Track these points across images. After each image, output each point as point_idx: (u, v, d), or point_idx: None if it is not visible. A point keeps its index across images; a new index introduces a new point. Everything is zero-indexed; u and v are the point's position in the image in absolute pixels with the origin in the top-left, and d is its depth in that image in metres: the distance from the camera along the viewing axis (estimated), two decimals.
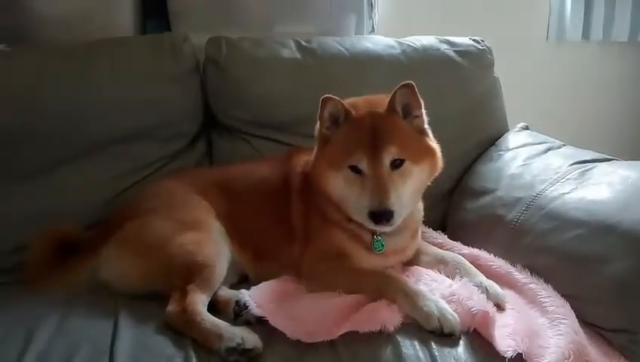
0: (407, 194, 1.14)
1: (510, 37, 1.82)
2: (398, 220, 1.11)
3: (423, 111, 1.21)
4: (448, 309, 1.03)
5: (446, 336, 1.00)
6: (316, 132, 1.23)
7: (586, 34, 2.25)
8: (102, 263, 1.22)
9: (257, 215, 1.32)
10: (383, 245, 1.21)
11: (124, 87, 1.49)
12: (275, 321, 1.03)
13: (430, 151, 1.18)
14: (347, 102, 1.19)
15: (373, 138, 1.12)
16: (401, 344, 1.00)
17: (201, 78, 1.62)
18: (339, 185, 1.15)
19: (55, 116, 1.43)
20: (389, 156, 1.11)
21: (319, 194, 1.21)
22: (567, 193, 1.23)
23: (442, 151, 1.23)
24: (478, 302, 1.03)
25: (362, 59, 1.67)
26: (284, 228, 1.29)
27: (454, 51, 1.73)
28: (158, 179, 1.44)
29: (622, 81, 2.37)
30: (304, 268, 1.22)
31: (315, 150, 1.22)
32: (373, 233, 1.20)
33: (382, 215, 1.07)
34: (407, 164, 1.13)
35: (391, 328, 1.02)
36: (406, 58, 1.69)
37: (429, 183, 1.23)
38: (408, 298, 1.06)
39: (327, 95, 1.16)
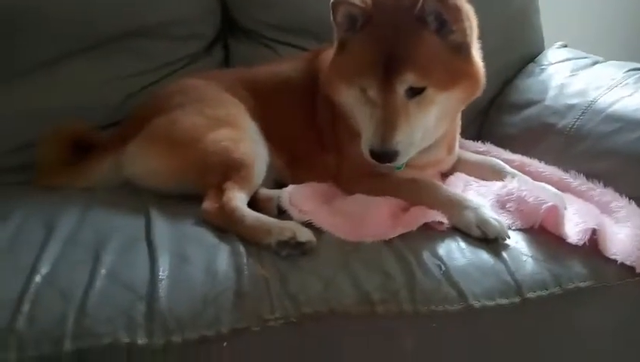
0: (429, 125, 0.99)
1: None
2: (404, 159, 0.97)
3: (467, 23, 0.98)
4: (489, 214, 0.94)
5: (494, 241, 0.92)
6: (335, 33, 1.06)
7: None
8: (127, 160, 1.11)
9: (287, 119, 1.21)
10: (403, 164, 1.06)
11: None
12: (322, 222, 0.95)
13: (465, 74, 0.98)
14: None
15: (389, 59, 0.94)
16: (461, 238, 0.93)
17: None
18: (349, 101, 1.02)
19: (58, 2, 1.27)
20: (403, 85, 0.94)
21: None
22: (628, 95, 1.15)
23: None
24: (544, 195, 0.96)
25: None
26: (316, 136, 1.19)
27: None
28: (181, 78, 1.31)
29: None
30: (341, 185, 1.12)
31: (332, 52, 1.07)
32: None
33: (384, 156, 0.95)
34: (429, 91, 0.95)
35: (446, 222, 0.95)
36: None
37: (463, 107, 1.10)
38: (447, 207, 0.97)
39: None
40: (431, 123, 1.00)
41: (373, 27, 0.97)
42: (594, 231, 0.91)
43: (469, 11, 1.01)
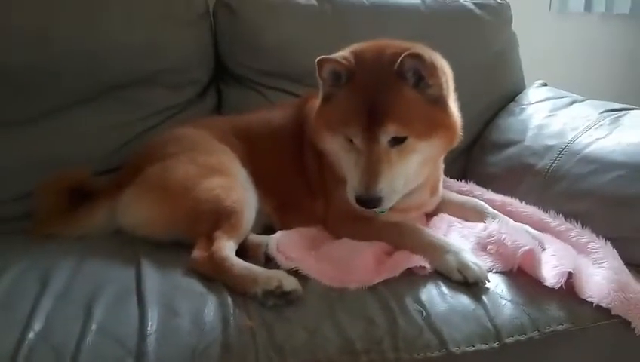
0: (410, 171, 1.04)
1: (513, 6, 1.79)
2: (388, 205, 1.01)
3: (443, 78, 1.05)
4: (469, 259, 0.98)
5: (474, 285, 0.95)
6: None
7: (588, 6, 2.23)
8: (121, 208, 1.15)
9: (276, 166, 1.25)
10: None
11: (136, 30, 1.39)
12: (308, 269, 0.98)
13: (442, 125, 1.04)
14: (355, 48, 1.08)
15: (372, 111, 0.99)
16: (443, 283, 0.96)
17: (210, 24, 1.54)
18: (334, 149, 1.08)
19: (66, 58, 1.33)
20: (386, 135, 0.99)
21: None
22: (603, 137, 1.20)
23: (460, 106, 1.13)
24: (522, 239, 0.99)
25: (381, 8, 1.61)
26: (304, 182, 1.23)
27: (474, 4, 1.69)
28: (175, 126, 1.35)
29: (623, 54, 2.36)
30: (327, 224, 1.17)
31: (318, 102, 1.12)
32: None
33: (368, 202, 0.99)
34: (410, 140, 1.00)
35: (428, 267, 0.98)
36: (426, 8, 1.64)
37: (443, 154, 1.16)
38: (428, 251, 1.01)
39: (322, 56, 1.05)
40: (412, 170, 1.05)
41: (356, 82, 1.03)
42: (570, 274, 0.94)
43: (444, 66, 1.08)
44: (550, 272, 0.95)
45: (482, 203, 1.22)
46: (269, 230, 1.21)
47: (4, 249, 1.11)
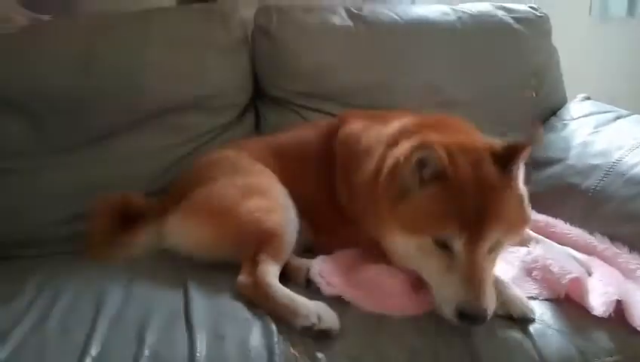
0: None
1: (550, 13, 1.75)
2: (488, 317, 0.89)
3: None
4: (513, 294, 0.94)
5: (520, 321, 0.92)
6: (387, 168, 1.02)
7: (631, 9, 2.15)
8: (167, 231, 1.19)
9: (308, 188, 1.25)
10: None
11: (179, 56, 1.45)
12: (349, 295, 0.99)
13: (526, 223, 0.99)
14: (441, 142, 0.93)
15: (478, 213, 0.89)
16: None
17: (249, 49, 1.58)
18: (410, 251, 0.96)
19: (110, 85, 1.40)
20: (491, 241, 0.90)
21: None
22: None
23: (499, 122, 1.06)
24: (568, 265, 0.97)
25: (416, 27, 1.61)
26: (335, 206, 1.22)
27: (512, 17, 1.67)
28: (215, 149, 1.40)
29: None
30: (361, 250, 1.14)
31: (383, 181, 1.01)
32: None
33: (475, 318, 0.87)
34: (504, 244, 0.94)
35: None
36: (462, 25, 1.63)
37: None
38: None
39: (424, 141, 0.91)
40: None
41: (451, 181, 0.91)
42: (619, 302, 0.91)
43: None
44: (598, 300, 0.93)
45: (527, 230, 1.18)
46: (308, 250, 1.24)
47: (55, 271, 1.16)
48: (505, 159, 0.94)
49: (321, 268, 1.06)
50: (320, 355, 0.86)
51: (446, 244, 0.91)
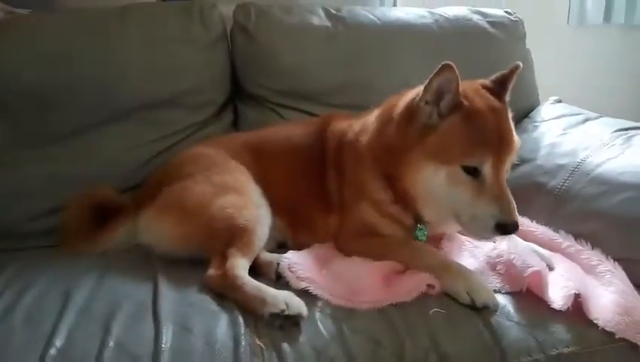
0: None
1: (531, 20, 1.80)
2: None
3: None
4: (478, 283, 0.99)
5: (482, 309, 0.96)
6: (402, 107, 1.09)
7: (607, 17, 2.20)
8: (140, 226, 1.20)
9: (291, 182, 1.28)
10: (425, 235, 1.14)
11: (156, 53, 1.46)
12: (318, 289, 1.01)
13: (518, 145, 1.09)
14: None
15: (500, 138, 1.02)
16: (451, 305, 0.97)
17: (228, 47, 1.59)
18: (438, 181, 1.03)
19: (88, 79, 1.40)
20: (510, 162, 1.04)
21: (391, 174, 1.10)
22: (614, 158, 1.20)
23: None
24: (530, 260, 1.00)
25: (394, 29, 1.64)
26: (319, 198, 1.26)
27: (487, 22, 1.70)
28: (192, 146, 1.40)
29: None
30: (339, 243, 1.19)
31: (395, 128, 1.08)
32: (417, 221, 1.14)
33: (512, 227, 0.98)
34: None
35: (438, 286, 1.00)
36: (438, 28, 1.66)
37: None
38: (437, 273, 1.02)
39: (449, 62, 0.98)
40: None
41: (472, 112, 1.02)
42: (578, 296, 0.94)
43: None
44: (557, 294, 0.96)
45: None
46: (282, 246, 1.26)
47: (29, 264, 1.17)
48: (496, 90, 1.08)
49: (291, 263, 1.07)
50: (285, 346, 0.87)
51: (475, 170, 1.01)
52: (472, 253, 1.15)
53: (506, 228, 0.98)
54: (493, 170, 1.01)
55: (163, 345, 0.85)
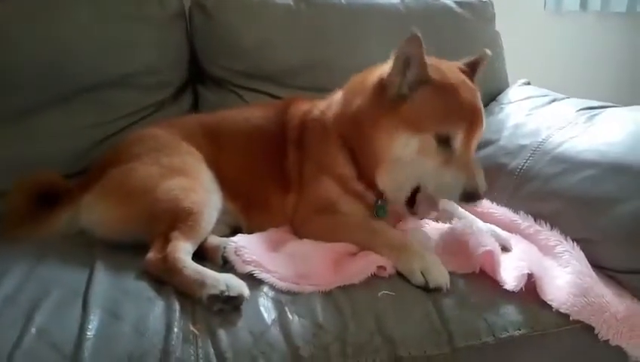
0: None
1: (507, 5, 1.77)
2: None
3: None
4: (433, 264, 0.95)
5: (434, 291, 0.92)
6: (374, 79, 1.09)
7: (584, 4, 2.19)
8: (83, 210, 1.14)
9: (248, 164, 1.24)
10: (385, 211, 1.12)
11: (107, 29, 1.39)
12: (263, 273, 0.96)
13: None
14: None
15: (472, 112, 1.04)
16: (400, 286, 0.93)
17: (186, 25, 1.53)
18: (410, 150, 1.03)
19: (32, 58, 1.33)
20: (480, 136, 1.07)
21: (357, 147, 1.10)
22: (576, 136, 1.16)
23: None
24: (483, 240, 0.96)
25: (359, 8, 1.59)
26: (277, 179, 1.22)
27: (455, 2, 1.66)
28: (143, 126, 1.34)
29: (619, 52, 2.30)
30: (295, 218, 1.16)
31: (367, 99, 1.08)
32: (379, 197, 1.11)
33: (478, 196, 1.01)
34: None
35: (389, 268, 0.96)
36: (405, 8, 1.62)
37: None
38: (393, 252, 0.99)
39: (416, 32, 0.99)
40: None
41: (445, 86, 1.03)
42: (531, 276, 0.90)
43: None
44: (511, 274, 0.92)
45: (452, 203, 1.18)
46: (237, 232, 1.20)
47: None
48: (468, 72, 1.11)
49: (238, 246, 1.02)
50: (221, 332, 0.82)
51: (446, 139, 1.01)
52: (429, 234, 1.11)
53: (469, 196, 0.99)
54: (463, 141, 1.02)
55: (88, 332, 0.80)
